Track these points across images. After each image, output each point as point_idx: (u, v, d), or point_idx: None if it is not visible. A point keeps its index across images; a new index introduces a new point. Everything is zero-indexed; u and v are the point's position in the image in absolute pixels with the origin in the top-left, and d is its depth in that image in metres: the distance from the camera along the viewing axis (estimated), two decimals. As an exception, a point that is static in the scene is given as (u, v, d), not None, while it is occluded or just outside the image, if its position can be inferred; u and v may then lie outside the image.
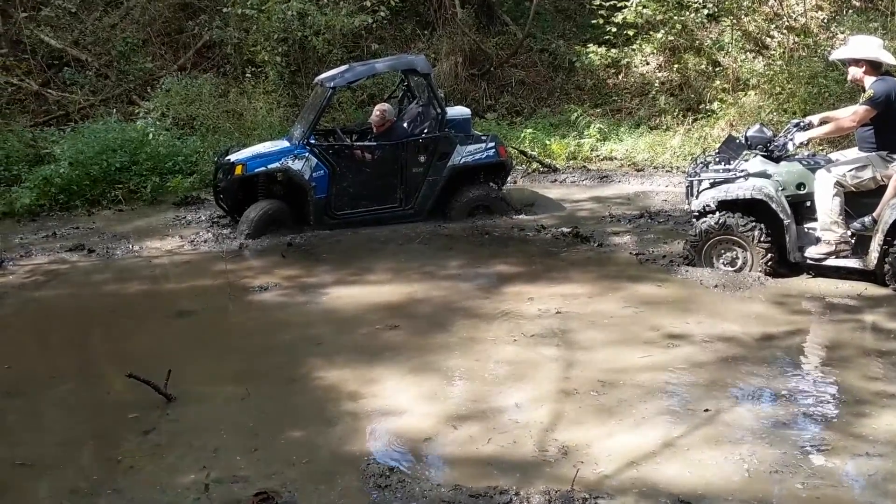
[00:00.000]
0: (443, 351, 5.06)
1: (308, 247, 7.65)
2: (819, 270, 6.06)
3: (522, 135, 11.67)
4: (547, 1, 15.44)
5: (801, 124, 6.13)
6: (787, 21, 12.25)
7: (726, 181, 6.17)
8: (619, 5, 12.67)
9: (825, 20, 12.35)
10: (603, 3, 12.87)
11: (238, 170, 7.91)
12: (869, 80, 5.80)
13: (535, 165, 10.90)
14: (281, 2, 12.24)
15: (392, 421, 4.21)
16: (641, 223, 7.98)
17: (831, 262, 5.93)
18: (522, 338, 5.18)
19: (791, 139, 6.04)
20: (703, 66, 12.28)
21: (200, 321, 5.96)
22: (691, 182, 6.46)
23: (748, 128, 6.46)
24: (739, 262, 6.16)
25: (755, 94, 11.21)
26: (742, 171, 6.15)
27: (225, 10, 12.90)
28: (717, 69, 12.19)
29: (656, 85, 12.64)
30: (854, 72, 5.92)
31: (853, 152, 6.04)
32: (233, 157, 8.14)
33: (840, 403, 4.22)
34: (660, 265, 6.55)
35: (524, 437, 3.92)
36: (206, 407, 4.47)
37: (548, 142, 11.53)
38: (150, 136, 10.47)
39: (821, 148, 8.41)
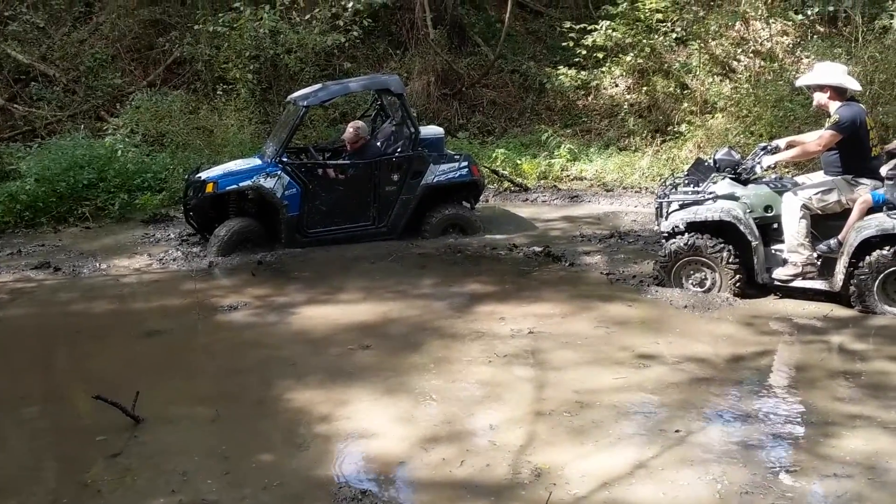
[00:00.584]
0: (416, 371, 5.04)
1: (279, 265, 7.60)
2: (786, 292, 6.15)
3: (494, 154, 11.73)
4: (518, 23, 15.61)
5: (769, 147, 6.23)
6: (754, 45, 12.48)
7: (695, 203, 6.24)
8: (588, 28, 12.86)
9: (790, 45, 12.61)
10: (573, 26, 13.07)
11: (209, 187, 7.84)
12: (834, 106, 5.93)
13: (506, 185, 10.98)
14: (253, 19, 12.23)
15: (364, 443, 4.18)
16: (612, 243, 8.04)
17: (798, 283, 6.01)
18: (496, 358, 5.17)
19: (758, 162, 6.13)
20: (671, 89, 12.46)
21: (169, 341, 5.87)
22: (661, 203, 6.52)
23: (716, 150, 6.56)
24: (708, 283, 6.23)
25: (722, 116, 11.40)
26: (711, 193, 6.23)
27: (196, 26, 12.84)
28: (685, 92, 12.37)
29: (625, 107, 12.80)
30: (819, 97, 6.04)
31: (819, 176, 6.15)
32: (204, 175, 8.07)
33: (809, 424, 4.27)
34: (630, 285, 6.59)
35: (498, 459, 3.91)
36: (175, 429, 4.40)
37: (519, 161, 11.61)
38: (119, 152, 10.37)
39: (787, 171, 8.55)
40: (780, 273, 6.05)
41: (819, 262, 5.96)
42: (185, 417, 4.55)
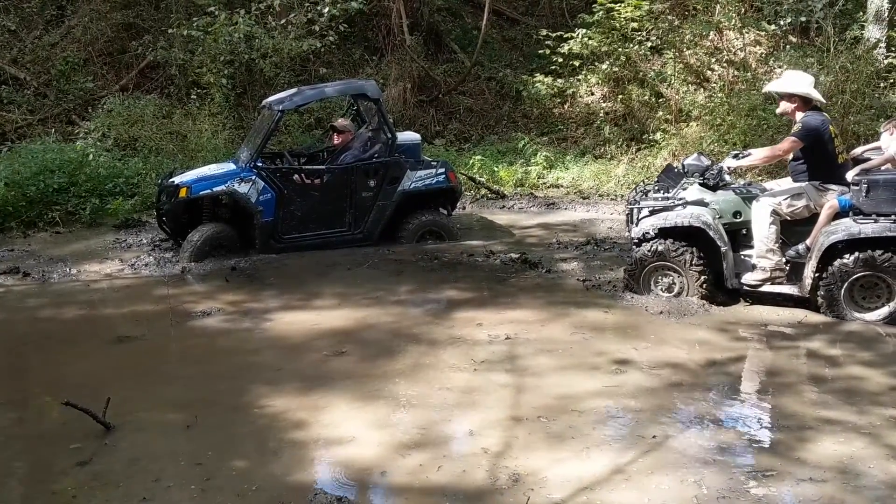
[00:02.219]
0: (392, 377, 5.00)
1: (253, 271, 7.52)
2: (757, 297, 6.19)
3: (471, 161, 11.74)
4: (494, 30, 15.67)
5: (740, 155, 6.30)
6: (727, 55, 12.63)
7: (665, 209, 6.28)
8: (565, 36, 12.93)
9: (763, 55, 12.77)
10: (549, 34, 13.14)
11: (182, 192, 7.76)
12: (799, 115, 6.03)
13: (483, 192, 10.99)
14: (228, 24, 12.14)
15: (340, 449, 4.13)
16: (588, 250, 8.06)
17: (767, 288, 6.07)
18: (473, 364, 5.15)
19: (722, 165, 6.21)
20: (646, 98, 12.56)
21: (141, 347, 5.78)
22: (631, 210, 6.56)
23: (686, 156, 6.62)
24: (676, 288, 6.26)
25: (697, 125, 11.50)
26: (680, 199, 6.27)
27: (170, 30, 12.73)
28: (660, 100, 12.48)
29: (601, 115, 12.88)
30: (785, 105, 6.15)
31: (787, 182, 6.23)
32: (177, 180, 7.99)
33: (784, 429, 4.29)
34: (606, 291, 6.61)
35: (475, 465, 3.88)
36: (147, 436, 4.32)
37: (496, 168, 11.63)
38: (90, 156, 10.24)
39: (759, 178, 8.65)
40: (749, 278, 6.10)
41: (788, 268, 6.03)
42: (158, 424, 4.47)
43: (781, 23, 12.15)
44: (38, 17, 14.13)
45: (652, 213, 6.35)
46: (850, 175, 5.89)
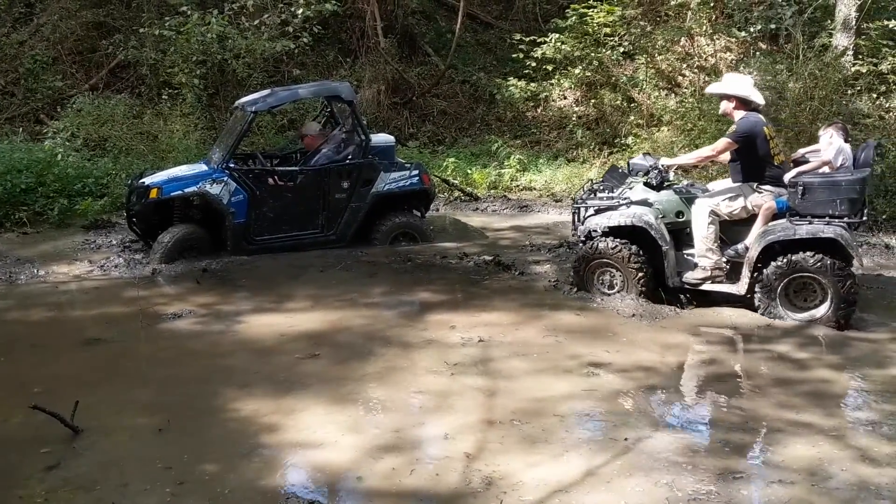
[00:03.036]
0: (364, 380, 4.99)
1: (224, 273, 7.46)
2: (695, 294, 6.35)
3: (445, 163, 11.74)
4: (468, 34, 15.69)
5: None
6: (698, 61, 12.76)
7: (610, 208, 6.42)
8: (538, 41, 12.99)
9: (734, 61, 12.91)
10: (523, 38, 13.20)
11: (153, 193, 7.67)
12: (738, 115, 6.18)
13: (456, 194, 11.01)
14: (200, 24, 12.03)
15: (312, 453, 4.11)
16: (560, 252, 8.09)
17: (707, 286, 6.23)
18: (446, 367, 5.15)
19: (657, 162, 6.36)
20: (618, 102, 12.65)
21: (110, 350, 5.70)
22: (577, 209, 6.69)
23: (632, 156, 6.73)
24: (618, 285, 6.40)
25: (668, 129, 11.61)
26: (625, 198, 6.40)
27: (141, 30, 12.59)
28: (632, 105, 12.58)
29: (574, 119, 12.95)
30: (725, 106, 6.30)
31: (727, 183, 6.39)
32: (147, 180, 7.90)
33: (754, 432, 4.33)
34: (578, 294, 6.63)
35: (448, 469, 3.88)
36: (116, 440, 4.27)
37: (469, 171, 11.65)
38: (59, 156, 10.09)
39: (703, 178, 8.76)
40: (689, 276, 6.26)
41: (728, 267, 6.18)
42: (128, 428, 4.42)
43: (752, 30, 12.29)
44: (6, 14, 13.90)
45: (597, 212, 6.49)
46: (787, 177, 6.05)
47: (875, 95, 9.86)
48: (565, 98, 13.48)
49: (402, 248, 8.07)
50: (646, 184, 6.40)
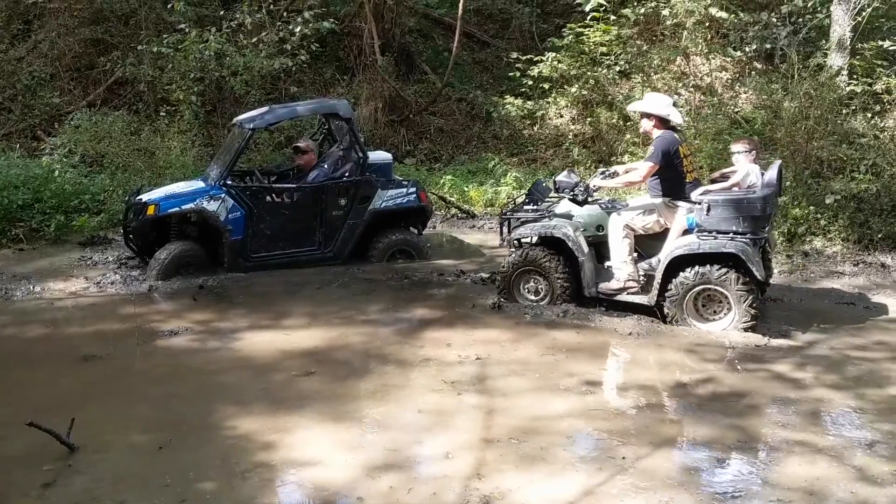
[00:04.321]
0: (361, 398, 4.97)
1: (221, 290, 7.45)
2: (610, 304, 6.54)
3: (442, 181, 11.77)
4: (465, 52, 15.78)
5: (607, 172, 6.85)
6: (694, 80, 12.82)
7: (535, 220, 6.70)
8: (535, 59, 13.05)
9: (729, 80, 12.99)
10: (520, 57, 13.26)
11: (150, 210, 7.67)
12: (656, 133, 6.47)
13: (453, 211, 11.02)
14: (198, 41, 12.08)
15: (309, 472, 4.09)
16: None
17: (622, 297, 6.49)
18: (443, 385, 5.14)
19: (587, 184, 6.60)
20: (614, 120, 12.68)
21: (106, 367, 5.68)
22: (504, 220, 6.99)
23: (557, 173, 7.07)
24: (542, 292, 6.68)
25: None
26: (550, 212, 6.70)
27: (139, 47, 12.63)
28: (628, 123, 12.61)
29: (570, 137, 12.98)
30: (645, 124, 6.61)
31: (645, 199, 6.63)
32: (145, 197, 7.90)
33: (751, 451, 4.33)
34: (575, 312, 6.62)
35: (446, 487, 3.86)
36: (112, 457, 4.25)
37: (466, 188, 11.67)
38: (56, 172, 10.08)
39: (629, 193, 8.83)
40: (604, 287, 6.52)
41: (643, 279, 6.42)
42: (124, 445, 4.40)
43: (747, 49, 12.38)
44: (4, 31, 13.95)
45: (523, 223, 6.80)
46: (695, 195, 6.25)
47: (870, 115, 9.90)
48: (561, 116, 13.53)
49: (399, 266, 8.07)
50: (571, 199, 6.67)
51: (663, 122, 6.46)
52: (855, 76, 10.57)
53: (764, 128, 10.07)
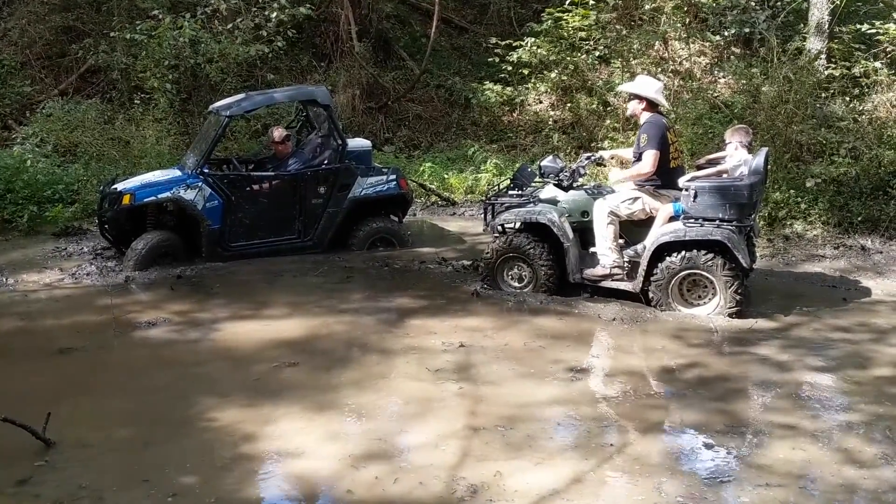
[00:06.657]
0: (344, 388, 4.90)
1: (199, 280, 7.33)
2: (594, 290, 6.52)
3: (421, 168, 11.68)
4: (443, 38, 15.65)
5: (593, 157, 6.85)
6: (673, 65, 12.81)
7: (519, 206, 6.63)
8: (513, 45, 12.97)
9: (708, 65, 12.99)
10: (498, 43, 13.17)
11: (126, 199, 7.53)
12: (644, 116, 6.45)
13: (434, 199, 10.95)
14: (172, 28, 11.88)
15: (292, 463, 4.02)
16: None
17: (606, 283, 6.48)
18: (427, 373, 5.08)
19: (573, 169, 6.58)
20: (594, 106, 12.65)
21: (83, 359, 5.56)
22: (488, 206, 6.91)
23: (542, 157, 7.09)
24: (526, 279, 6.65)
25: (644, 133, 11.60)
26: (535, 197, 6.64)
27: (112, 34, 12.40)
28: (608, 109, 12.59)
29: (550, 123, 12.94)
30: (633, 106, 6.59)
31: (629, 185, 6.53)
32: (120, 186, 7.76)
33: (740, 435, 4.30)
34: (559, 298, 6.59)
35: (432, 477, 3.81)
36: (90, 452, 4.15)
37: (446, 176, 11.60)
38: (28, 162, 9.90)
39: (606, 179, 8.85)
40: (589, 273, 6.48)
41: (628, 265, 6.41)
42: (101, 440, 4.29)
43: (726, 34, 12.37)
44: (-28, 19, 13.67)
45: (507, 209, 6.71)
46: (681, 181, 6.24)
47: (848, 98, 9.93)
48: (541, 102, 13.47)
49: (379, 254, 8.00)
50: (556, 185, 6.63)
51: (652, 106, 6.44)
52: (833, 60, 10.59)
53: (743, 112, 10.06)
